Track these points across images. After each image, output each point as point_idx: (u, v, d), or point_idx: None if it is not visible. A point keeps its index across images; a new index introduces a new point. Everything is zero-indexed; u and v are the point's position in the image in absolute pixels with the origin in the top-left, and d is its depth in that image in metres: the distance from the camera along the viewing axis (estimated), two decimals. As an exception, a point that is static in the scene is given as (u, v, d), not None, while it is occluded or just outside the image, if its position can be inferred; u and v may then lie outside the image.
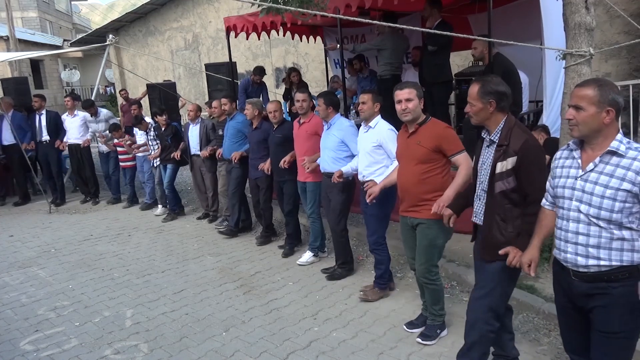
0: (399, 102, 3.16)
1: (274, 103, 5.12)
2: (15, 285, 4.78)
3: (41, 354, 3.46)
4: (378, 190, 3.52)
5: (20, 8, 26.34)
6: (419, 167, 3.13)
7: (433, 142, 3.08)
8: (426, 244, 3.20)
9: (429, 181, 3.13)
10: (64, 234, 6.44)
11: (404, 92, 3.15)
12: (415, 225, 3.25)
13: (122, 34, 14.95)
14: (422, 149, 3.11)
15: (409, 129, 3.22)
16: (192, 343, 3.48)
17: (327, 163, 4.34)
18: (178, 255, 5.36)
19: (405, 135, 3.25)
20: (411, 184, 3.17)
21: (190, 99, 12.66)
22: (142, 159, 7.24)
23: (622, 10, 5.62)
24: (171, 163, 6.62)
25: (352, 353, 3.24)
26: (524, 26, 5.72)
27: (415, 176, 3.15)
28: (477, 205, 2.66)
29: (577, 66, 3.59)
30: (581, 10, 3.52)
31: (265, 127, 5.29)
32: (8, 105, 7.93)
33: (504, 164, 2.45)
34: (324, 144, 4.38)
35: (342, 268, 4.49)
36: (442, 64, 5.57)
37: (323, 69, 9.21)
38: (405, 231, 3.38)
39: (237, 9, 11.72)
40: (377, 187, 3.55)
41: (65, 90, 25.38)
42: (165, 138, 6.65)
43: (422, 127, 3.16)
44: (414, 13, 6.89)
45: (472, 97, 2.54)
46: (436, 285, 3.29)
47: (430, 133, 3.12)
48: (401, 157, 3.31)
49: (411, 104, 3.13)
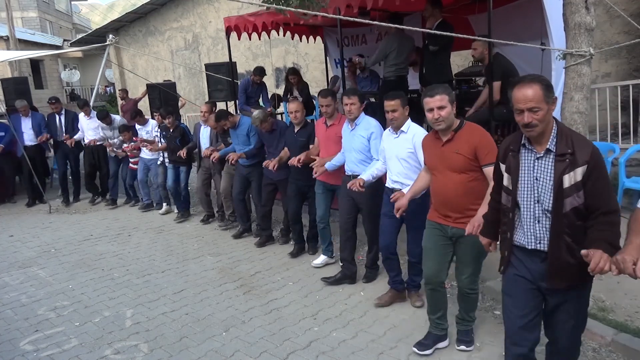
0: (429, 110, 2.89)
1: (295, 103, 4.88)
2: (15, 285, 4.78)
3: (41, 354, 3.46)
4: (406, 203, 3.25)
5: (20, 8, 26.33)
6: (462, 177, 2.90)
7: (471, 149, 2.86)
8: (475, 255, 3.00)
9: (473, 190, 2.90)
10: (64, 234, 6.44)
11: (435, 100, 2.87)
12: (455, 236, 3.02)
13: (122, 34, 14.95)
14: (461, 157, 2.88)
15: (442, 137, 2.96)
16: (192, 343, 3.48)
17: (353, 164, 4.15)
18: (178, 255, 5.36)
19: (439, 143, 2.98)
20: (455, 195, 2.93)
21: (190, 99, 12.67)
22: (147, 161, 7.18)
23: (622, 10, 5.62)
24: (184, 165, 6.59)
25: (352, 353, 3.24)
26: (524, 26, 5.72)
27: (459, 187, 2.91)
28: (536, 229, 2.23)
29: (577, 66, 3.59)
30: (581, 10, 3.51)
31: (281, 126, 5.18)
32: (25, 109, 7.94)
33: (572, 176, 2.09)
34: (349, 145, 4.18)
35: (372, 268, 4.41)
36: (443, 64, 5.57)
37: (323, 69, 9.20)
38: (434, 240, 3.11)
39: (237, 9, 11.71)
40: (404, 199, 3.27)
41: (65, 90, 25.43)
42: (174, 140, 6.58)
43: (458, 134, 2.92)
44: (414, 13, 6.88)
45: (538, 100, 2.10)
46: (477, 294, 3.18)
47: (467, 140, 2.89)
48: (435, 167, 3.05)
49: (444, 112, 2.87)
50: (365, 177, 3.86)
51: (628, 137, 6.22)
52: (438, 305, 3.20)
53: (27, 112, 8.00)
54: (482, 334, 3.35)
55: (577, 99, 3.63)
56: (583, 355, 3.03)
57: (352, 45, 8.58)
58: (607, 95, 6.21)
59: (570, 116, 3.68)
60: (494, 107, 4.72)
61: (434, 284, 3.13)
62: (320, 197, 4.67)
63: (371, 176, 3.88)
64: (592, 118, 4.99)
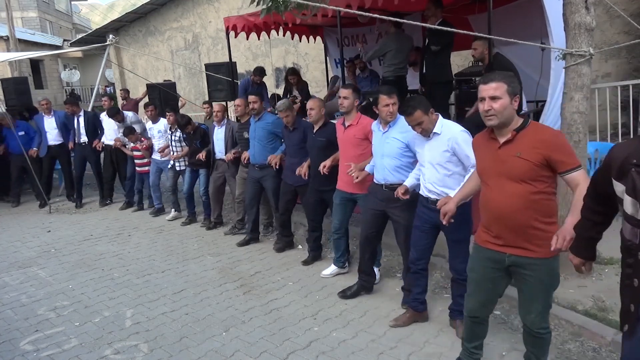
0: (481, 100, 2.38)
1: (315, 100, 4.54)
2: (15, 285, 4.78)
3: (41, 354, 3.45)
4: (454, 207, 2.81)
5: (20, 8, 26.34)
6: (522, 188, 2.33)
7: (539, 153, 2.29)
8: (546, 287, 2.45)
9: (538, 206, 2.34)
10: (64, 234, 6.44)
11: (488, 88, 2.35)
12: (512, 265, 2.46)
13: (122, 34, 14.95)
14: (524, 163, 2.31)
15: (498, 137, 2.42)
16: (192, 343, 3.48)
17: (387, 172, 3.64)
18: (178, 255, 5.36)
19: (494, 144, 2.43)
20: (512, 210, 2.36)
21: (190, 98, 12.66)
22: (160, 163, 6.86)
23: (622, 10, 5.62)
24: (203, 168, 6.21)
25: (352, 353, 3.23)
26: (525, 26, 5.72)
27: (518, 200, 2.34)
28: None
29: (577, 66, 3.59)
30: (581, 10, 3.52)
31: (305, 126, 4.74)
32: (48, 107, 7.83)
33: None
34: (381, 150, 3.67)
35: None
36: (444, 64, 5.59)
37: (323, 69, 9.21)
38: (483, 271, 2.57)
39: (237, 9, 11.72)
40: (451, 203, 2.83)
41: (65, 90, 25.42)
42: (194, 142, 6.24)
43: (521, 134, 2.36)
44: (414, 13, 6.89)
45: None
46: (549, 333, 2.61)
47: (534, 141, 2.32)
48: (489, 174, 2.48)
49: (498, 104, 2.33)
50: (409, 183, 3.42)
51: (628, 137, 6.22)
52: (477, 335, 2.79)
53: (48, 110, 7.81)
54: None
55: (577, 99, 3.63)
56: (583, 355, 3.04)
57: (352, 45, 8.59)
58: (607, 95, 6.22)
59: (570, 116, 3.68)
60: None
61: (478, 318, 2.72)
62: (337, 207, 4.27)
63: (415, 179, 3.43)
64: (592, 118, 4.99)
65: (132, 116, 7.64)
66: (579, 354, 3.05)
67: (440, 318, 3.59)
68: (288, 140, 4.93)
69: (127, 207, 7.52)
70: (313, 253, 4.89)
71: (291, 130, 4.83)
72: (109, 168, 7.71)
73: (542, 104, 5.52)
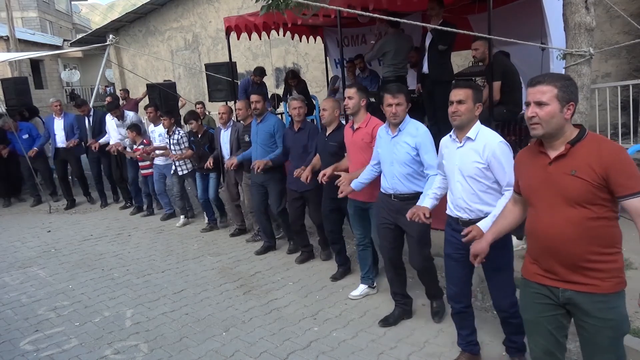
0: (527, 104, 2.05)
1: (328, 101, 4.21)
2: (15, 285, 4.78)
3: (41, 354, 3.46)
4: (487, 247, 2.37)
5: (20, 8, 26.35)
6: (577, 213, 1.95)
7: (597, 172, 1.90)
8: (611, 335, 1.99)
9: (596, 234, 1.95)
10: (64, 234, 6.44)
11: (535, 91, 2.01)
12: (572, 304, 2.03)
13: (122, 34, 14.94)
14: (580, 183, 1.93)
15: (548, 150, 2.04)
16: (192, 343, 3.48)
17: (397, 181, 3.32)
18: (178, 255, 5.36)
19: (544, 160, 2.05)
20: (564, 240, 1.98)
21: (190, 99, 12.65)
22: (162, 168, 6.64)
23: (622, 10, 5.62)
24: (213, 172, 5.94)
25: (352, 353, 3.23)
26: (524, 26, 5.72)
27: (571, 228, 1.96)
28: None
29: (577, 66, 3.59)
30: (581, 10, 3.52)
31: (311, 127, 4.52)
32: (58, 109, 7.74)
33: None
34: (390, 156, 3.33)
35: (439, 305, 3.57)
36: (447, 63, 5.61)
37: (323, 69, 9.20)
38: (537, 309, 2.13)
39: (237, 9, 11.72)
40: (484, 242, 2.38)
41: (65, 90, 25.42)
42: (202, 146, 6.03)
43: (576, 148, 1.97)
44: (414, 13, 6.88)
45: None
46: None
47: (591, 157, 1.93)
48: (537, 195, 2.09)
49: (544, 111, 1.97)
50: (429, 203, 2.98)
51: (628, 137, 6.23)
52: None
53: (59, 111, 7.73)
54: (482, 334, 3.34)
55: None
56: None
57: (352, 45, 8.59)
58: (607, 95, 6.22)
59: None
60: (494, 107, 4.72)
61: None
62: (353, 217, 3.98)
63: (435, 199, 3.02)
64: (592, 118, 5.00)
65: (133, 116, 7.45)
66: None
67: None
68: (292, 142, 4.65)
69: (137, 211, 7.31)
70: (342, 268, 4.49)
71: (296, 131, 4.60)
72: (116, 171, 7.55)
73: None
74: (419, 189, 3.26)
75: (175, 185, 6.53)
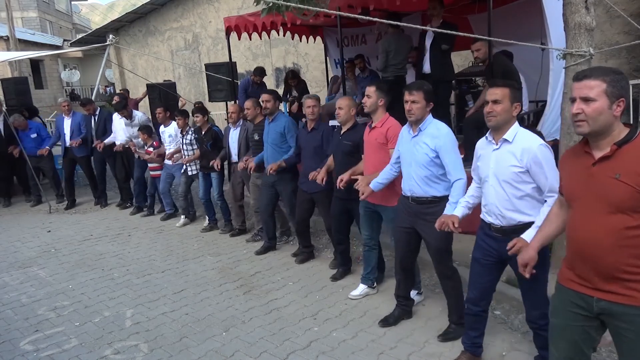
0: (572, 100, 1.92)
1: (345, 99, 4.08)
2: (15, 285, 4.78)
3: (41, 354, 3.46)
4: (535, 255, 2.25)
5: (20, 8, 26.38)
6: (617, 220, 1.82)
7: None
8: None
9: (636, 243, 1.82)
10: (64, 234, 6.44)
11: (582, 86, 1.87)
12: (606, 314, 1.91)
13: (122, 34, 14.96)
14: (624, 188, 1.80)
15: (593, 150, 1.91)
16: (192, 343, 3.48)
17: (414, 183, 3.19)
18: (178, 255, 5.36)
19: (588, 160, 1.92)
20: (599, 248, 1.86)
21: (190, 99, 12.66)
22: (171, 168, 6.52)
23: (622, 10, 5.62)
24: (214, 171, 5.84)
25: (352, 353, 3.23)
26: (524, 26, 5.73)
27: (608, 236, 1.84)
28: None
29: (577, 66, 3.59)
30: (581, 10, 3.52)
31: (324, 128, 4.43)
32: (68, 108, 7.70)
33: None
34: (410, 156, 3.20)
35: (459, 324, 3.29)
36: (448, 63, 5.63)
37: (323, 69, 9.21)
38: (568, 316, 2.02)
39: (237, 9, 11.73)
40: (531, 250, 2.27)
41: (65, 90, 25.44)
42: (205, 143, 5.89)
43: (624, 149, 1.84)
44: (414, 13, 6.89)
45: None
46: None
47: (639, 160, 1.80)
48: (577, 196, 1.97)
49: (590, 108, 1.85)
50: (460, 212, 2.83)
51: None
52: None
53: (68, 111, 7.64)
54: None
55: (577, 99, 3.62)
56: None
57: (352, 45, 8.60)
58: (607, 95, 6.20)
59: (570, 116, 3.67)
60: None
61: None
62: (363, 218, 3.93)
63: (467, 208, 2.86)
64: (592, 118, 4.98)
65: (141, 116, 7.32)
66: None
67: (440, 318, 3.58)
68: (305, 142, 4.56)
69: (137, 212, 7.26)
70: (342, 268, 4.47)
71: (309, 131, 4.51)
72: (121, 170, 7.50)
73: (542, 104, 5.53)
74: (437, 193, 3.15)
75: (181, 185, 6.47)
